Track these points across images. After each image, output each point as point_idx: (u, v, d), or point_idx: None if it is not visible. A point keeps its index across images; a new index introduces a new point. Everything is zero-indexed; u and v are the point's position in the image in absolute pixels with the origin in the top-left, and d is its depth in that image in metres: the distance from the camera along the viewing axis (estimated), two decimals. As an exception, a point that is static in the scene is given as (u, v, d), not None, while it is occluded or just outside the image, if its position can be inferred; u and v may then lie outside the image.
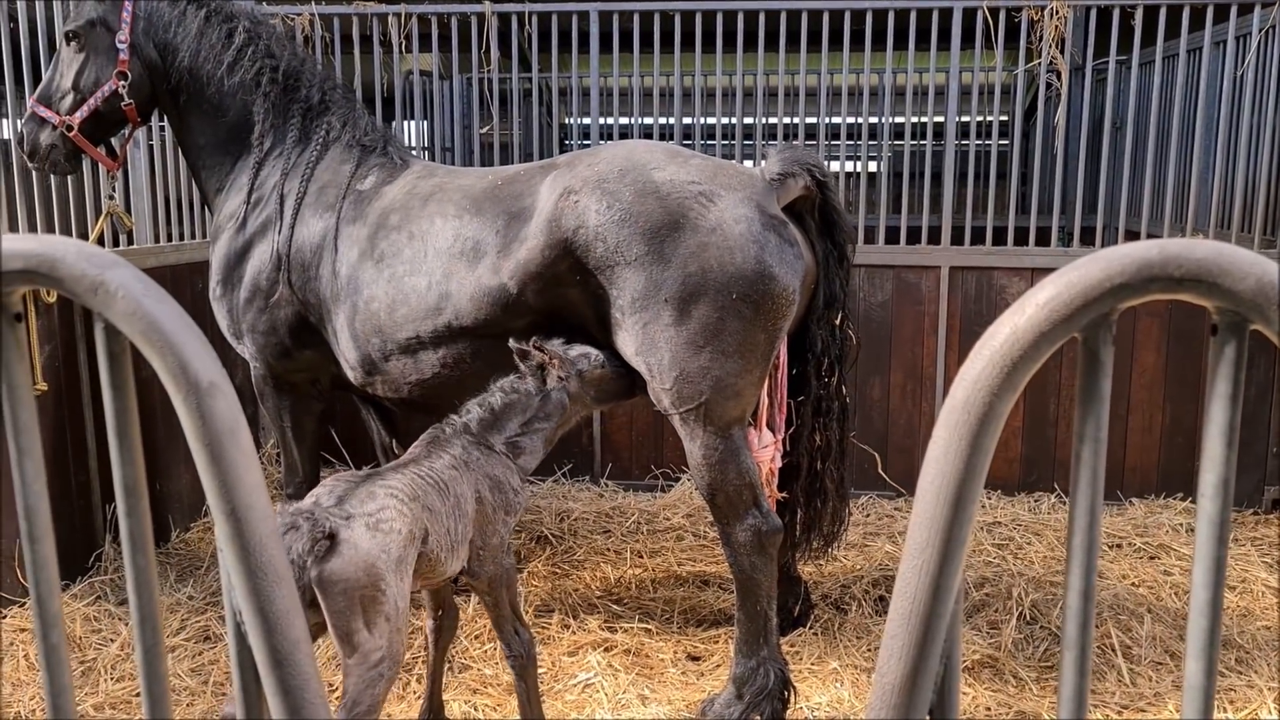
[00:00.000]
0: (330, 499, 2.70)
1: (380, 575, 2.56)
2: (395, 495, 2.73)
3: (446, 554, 2.90)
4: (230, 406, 1.02)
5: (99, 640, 4.11)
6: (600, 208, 3.41)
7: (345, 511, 2.64)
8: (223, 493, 1.02)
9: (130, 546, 1.07)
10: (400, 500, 2.72)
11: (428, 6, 5.91)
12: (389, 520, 2.65)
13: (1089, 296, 0.88)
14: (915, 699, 0.98)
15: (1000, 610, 4.36)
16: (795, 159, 3.61)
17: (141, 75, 4.22)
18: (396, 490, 2.75)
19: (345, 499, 2.69)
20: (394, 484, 2.79)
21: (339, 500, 2.69)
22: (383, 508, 2.67)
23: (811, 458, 3.92)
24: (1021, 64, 5.56)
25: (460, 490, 3.00)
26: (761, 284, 3.35)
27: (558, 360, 3.32)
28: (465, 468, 3.08)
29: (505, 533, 3.16)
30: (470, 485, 3.06)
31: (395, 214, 3.89)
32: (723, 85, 5.88)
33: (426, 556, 2.82)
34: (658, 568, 4.94)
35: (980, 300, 5.72)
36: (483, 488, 3.10)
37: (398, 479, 2.83)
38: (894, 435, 5.88)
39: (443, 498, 2.92)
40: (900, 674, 0.96)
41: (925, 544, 0.93)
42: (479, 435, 3.22)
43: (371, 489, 2.73)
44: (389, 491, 2.73)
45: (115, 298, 0.99)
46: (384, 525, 2.63)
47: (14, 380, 1.05)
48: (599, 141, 5.97)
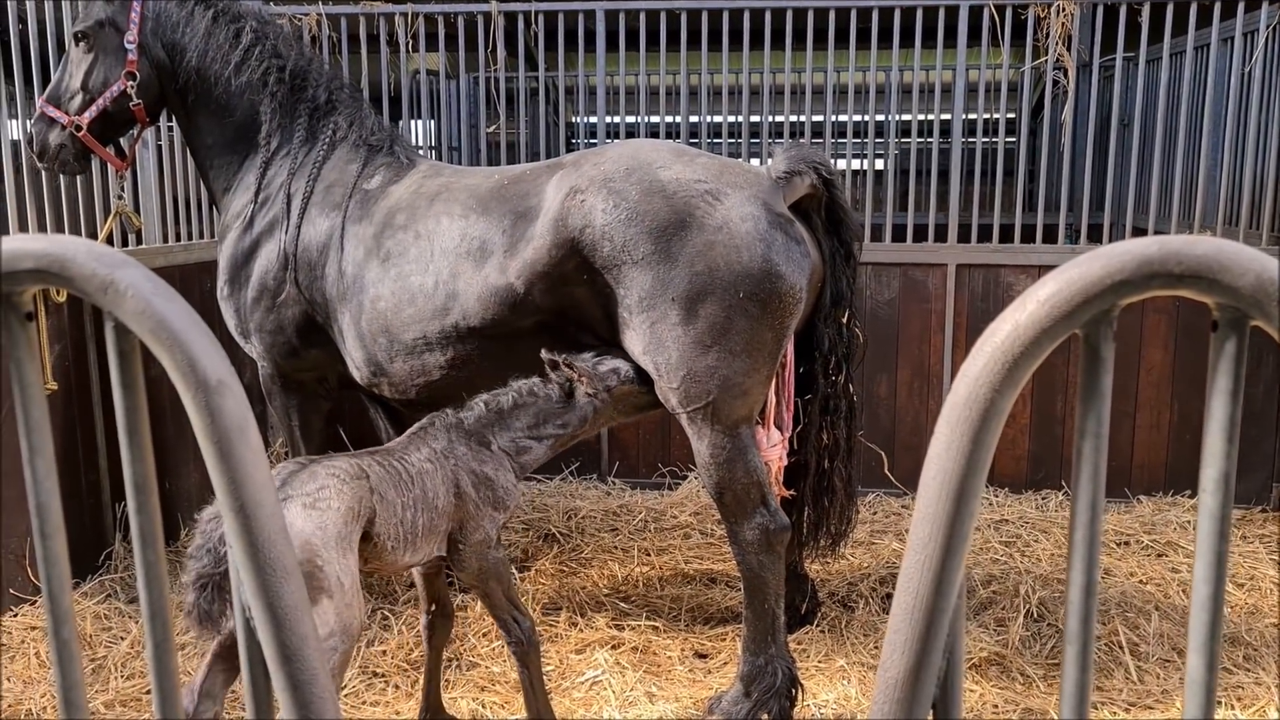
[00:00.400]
0: (275, 481, 2.74)
1: (315, 552, 2.59)
2: (335, 475, 2.76)
3: (398, 544, 2.91)
4: (239, 404, 1.03)
5: (109, 638, 4.13)
6: (607, 207, 3.41)
7: (285, 494, 2.69)
8: (231, 489, 1.03)
9: (140, 542, 1.09)
10: (340, 479, 2.75)
11: (434, 6, 5.93)
12: (326, 499, 2.68)
13: (1090, 293, 0.88)
14: (918, 694, 0.99)
15: (1008, 608, 4.36)
16: (802, 157, 3.61)
17: (150, 75, 4.24)
18: (338, 470, 2.79)
19: (288, 482, 2.74)
20: (338, 464, 2.82)
21: (282, 483, 2.73)
22: (322, 487, 2.71)
23: (819, 456, 3.92)
24: (1029, 61, 5.55)
25: (432, 484, 3.02)
26: (768, 282, 3.35)
27: (587, 378, 3.35)
28: (445, 461, 3.10)
29: (491, 528, 3.17)
30: (448, 480, 3.08)
31: (401, 213, 3.90)
32: (729, 83, 5.88)
33: (372, 540, 2.84)
34: (665, 565, 4.95)
35: (987, 298, 5.71)
36: (464, 483, 3.11)
37: (344, 461, 2.86)
38: (901, 433, 5.87)
39: (403, 489, 2.94)
40: (903, 669, 0.96)
41: (928, 539, 0.94)
42: (474, 431, 3.24)
43: (314, 470, 2.78)
44: (330, 471, 2.77)
45: (125, 297, 1.01)
46: (321, 503, 2.67)
47: (25, 379, 1.06)
48: (606, 140, 5.98)
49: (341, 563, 2.65)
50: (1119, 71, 5.68)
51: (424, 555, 3.04)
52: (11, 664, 3.89)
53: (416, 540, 2.97)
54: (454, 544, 3.12)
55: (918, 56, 5.66)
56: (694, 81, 6.30)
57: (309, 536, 2.61)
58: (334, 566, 2.62)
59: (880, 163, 9.98)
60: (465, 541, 3.11)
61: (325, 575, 2.60)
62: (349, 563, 2.68)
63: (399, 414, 4.65)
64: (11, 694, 3.66)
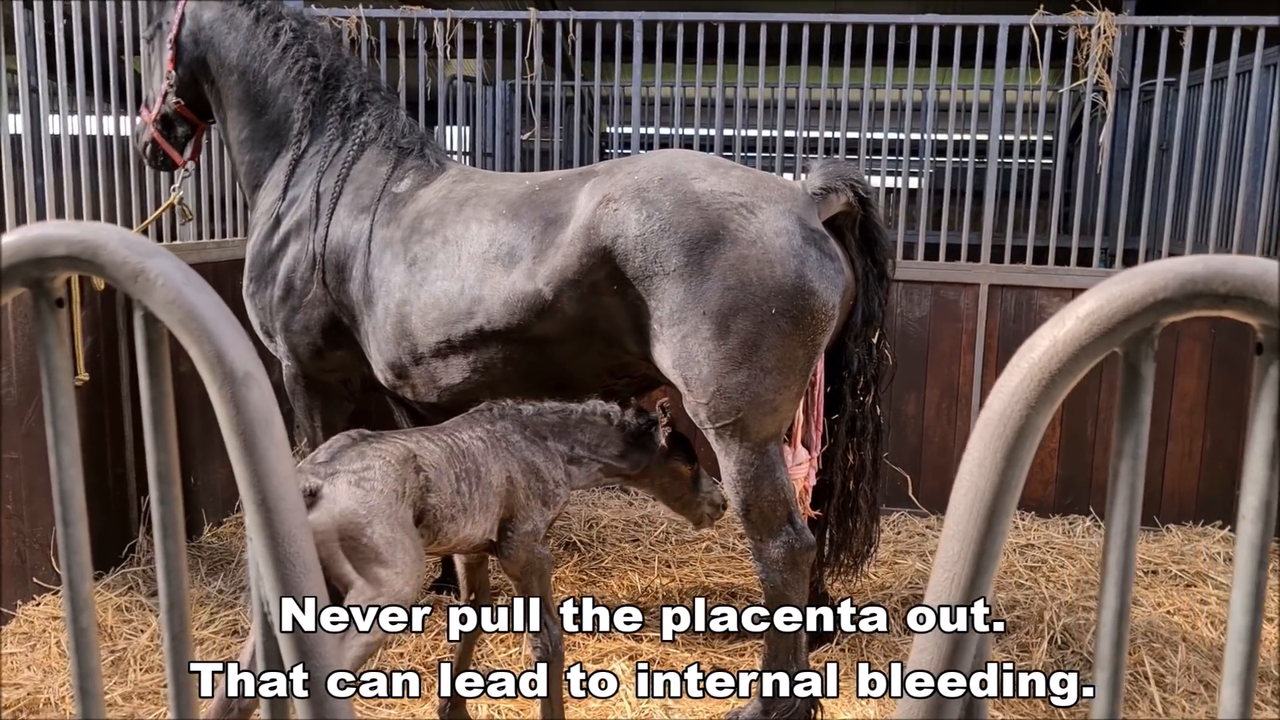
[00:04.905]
0: (324, 455, 2.87)
1: (360, 526, 2.70)
2: (383, 456, 2.85)
3: (454, 516, 2.99)
4: (265, 397, 1.03)
5: (129, 630, 4.15)
6: (640, 217, 3.40)
7: (332, 468, 2.79)
8: (254, 483, 1.02)
9: (161, 533, 1.08)
10: (386, 461, 2.84)
11: (473, 12, 5.96)
12: (371, 478, 2.77)
13: (1131, 310, 0.86)
14: (942, 716, 0.97)
15: (1031, 633, 4.30)
16: (838, 173, 3.59)
17: (187, 74, 4.30)
18: (385, 452, 2.87)
19: (337, 457, 2.85)
20: (386, 447, 2.91)
21: (331, 458, 2.84)
22: (368, 465, 2.81)
23: (845, 477, 3.88)
24: (1067, 83, 5.50)
25: (484, 462, 3.10)
26: (801, 298, 3.33)
27: (671, 439, 3.43)
28: (498, 445, 3.17)
29: (540, 522, 3.22)
30: (500, 462, 3.14)
31: (430, 218, 3.90)
32: (764, 98, 5.87)
33: (426, 520, 2.92)
34: (685, 578, 4.92)
35: (1019, 319, 5.66)
36: (514, 469, 3.17)
37: (393, 444, 2.94)
38: (928, 452, 5.82)
39: (454, 461, 3.03)
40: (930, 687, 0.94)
41: (957, 557, 0.92)
42: (530, 424, 3.30)
43: (363, 449, 2.88)
44: (378, 452, 2.86)
45: (155, 285, 1.00)
46: (366, 482, 2.76)
47: (54, 364, 1.06)
48: (639, 151, 5.98)
49: (391, 535, 2.74)
50: (1159, 96, 5.62)
51: (481, 532, 3.10)
52: (32, 652, 3.92)
53: (473, 514, 3.04)
54: (504, 532, 3.16)
55: (956, 75, 5.62)
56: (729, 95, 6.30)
57: (353, 512, 2.70)
58: (381, 537, 2.71)
59: (914, 181, 9.94)
60: (515, 530, 3.16)
61: (373, 545, 2.70)
62: (399, 535, 2.77)
63: (423, 417, 4.65)
64: (31, 683, 3.68)
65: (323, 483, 2.74)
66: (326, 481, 2.75)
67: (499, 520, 3.14)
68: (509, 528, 3.16)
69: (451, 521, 2.97)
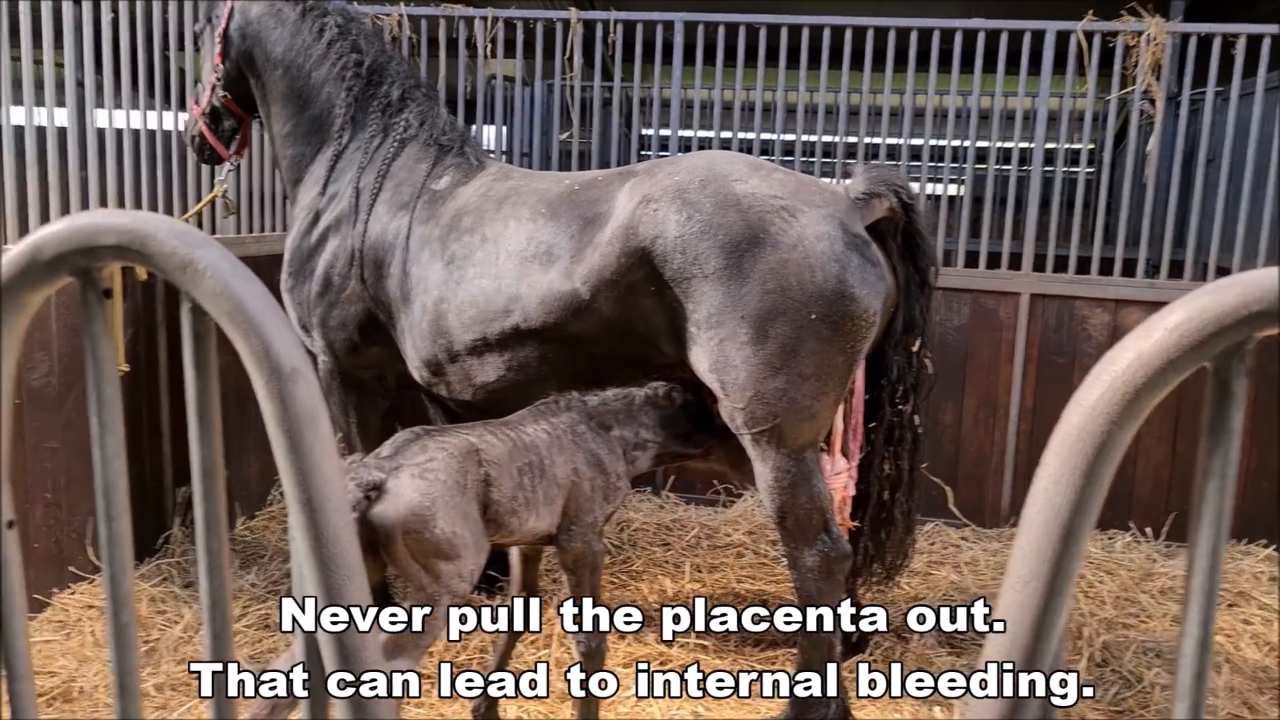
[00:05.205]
0: (388, 450, 2.90)
1: (425, 519, 2.73)
2: (445, 449, 2.87)
3: (517, 509, 3.00)
4: (311, 392, 1.00)
5: (163, 621, 4.17)
6: (680, 218, 3.36)
7: (396, 462, 2.81)
8: (299, 480, 1.00)
9: (204, 529, 1.06)
10: (449, 453, 2.86)
11: (514, 11, 5.95)
12: (435, 470, 2.80)
13: (1223, 323, 0.82)
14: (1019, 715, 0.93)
15: (1069, 650, 4.22)
16: (882, 179, 3.54)
17: (235, 68, 4.32)
18: (448, 445, 2.90)
19: (400, 451, 2.87)
20: (449, 440, 2.93)
21: (394, 452, 2.87)
22: (431, 458, 2.83)
23: (880, 487, 3.82)
24: (1115, 90, 5.41)
25: (548, 455, 3.11)
26: (842, 304, 3.28)
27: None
28: (563, 438, 3.19)
29: (600, 514, 3.23)
30: (566, 455, 3.16)
31: (469, 216, 3.88)
32: (804, 102, 5.81)
33: (490, 513, 2.94)
34: (717, 584, 4.88)
35: (1060, 329, 5.57)
36: (579, 462, 3.19)
37: (456, 437, 2.97)
38: (964, 462, 5.74)
39: (517, 455, 3.04)
40: (998, 713, 0.90)
41: (1030, 578, 0.88)
42: (596, 415, 3.32)
43: (425, 443, 2.90)
44: (440, 445, 2.89)
45: (203, 276, 0.98)
46: (429, 474, 2.79)
47: (100, 355, 1.04)
48: (676, 153, 5.95)
49: (452, 527, 2.77)
50: (1208, 105, 5.51)
51: (547, 524, 3.12)
52: (67, 641, 3.94)
53: (537, 508, 3.06)
54: (565, 523, 3.18)
55: (1000, 81, 5.54)
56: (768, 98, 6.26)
57: (417, 505, 2.73)
58: (444, 529, 2.75)
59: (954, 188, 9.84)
60: (576, 522, 3.18)
61: (436, 538, 2.73)
62: (461, 529, 2.80)
63: (457, 415, 4.64)
64: (65, 671, 3.70)
65: (386, 476, 2.77)
66: (390, 475, 2.77)
67: (561, 512, 3.16)
68: (570, 519, 3.17)
69: (514, 515, 2.99)
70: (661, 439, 3.40)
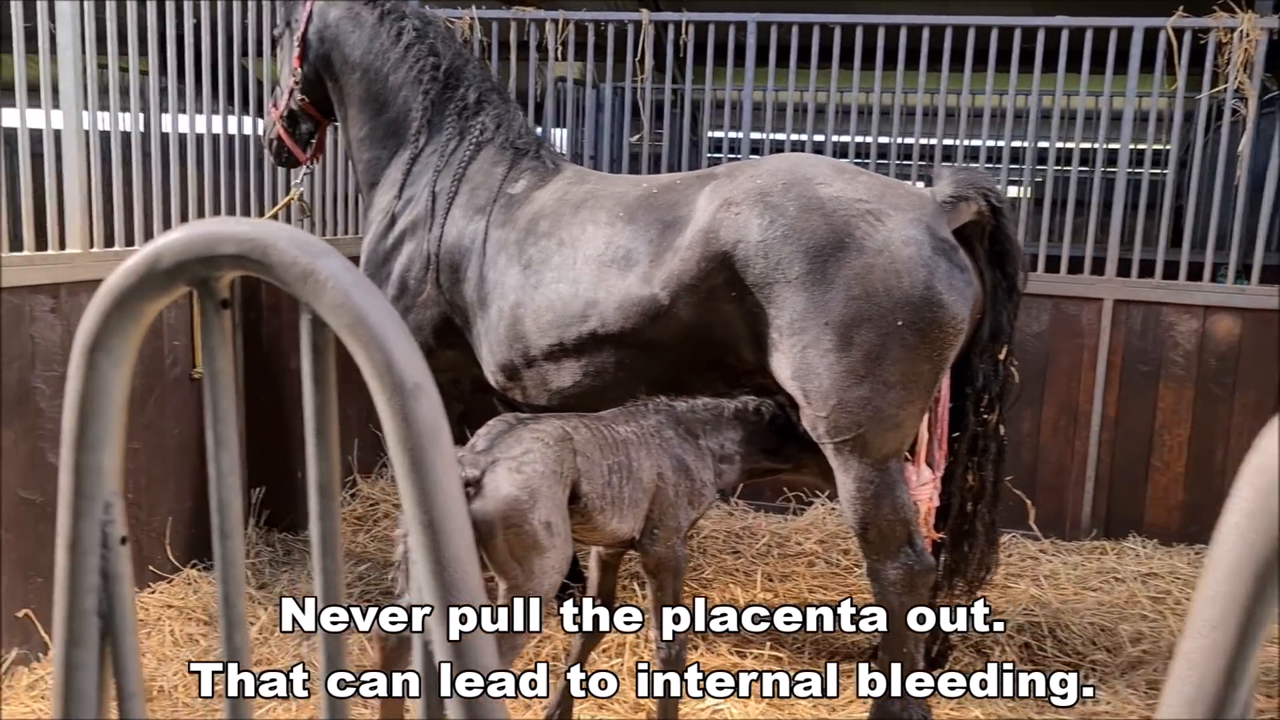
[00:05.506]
0: (483, 443, 2.86)
1: (523, 514, 2.71)
2: (540, 439, 2.85)
3: (605, 507, 2.97)
4: (434, 409, 0.96)
5: (238, 622, 4.19)
6: (763, 222, 3.30)
7: (492, 456, 2.79)
8: (421, 501, 0.95)
9: (320, 550, 1.02)
10: (544, 442, 2.83)
11: (586, 14, 5.92)
12: (531, 461, 2.77)
13: None
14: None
15: (1160, 670, 4.07)
16: (970, 181, 3.44)
17: (313, 71, 4.34)
18: (542, 434, 2.87)
19: (495, 444, 2.84)
20: (543, 427, 2.90)
21: (489, 445, 2.84)
22: (526, 450, 2.80)
23: (963, 498, 3.71)
24: (1206, 88, 5.22)
25: (635, 455, 3.07)
26: (929, 311, 3.19)
27: None
28: (650, 439, 3.15)
29: (684, 520, 3.19)
30: (652, 458, 3.12)
31: (546, 220, 3.85)
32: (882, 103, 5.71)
33: (580, 502, 2.91)
34: (788, 593, 4.80)
35: (1146, 336, 5.39)
36: (665, 466, 3.15)
37: (549, 424, 2.94)
38: (1043, 473, 5.59)
39: (607, 452, 3.00)
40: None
41: (1218, 622, 0.80)
42: (684, 420, 3.28)
43: (520, 433, 2.87)
44: (534, 435, 2.86)
45: (325, 287, 0.94)
46: (526, 466, 2.76)
47: (217, 368, 1.01)
48: (748, 156, 5.87)
49: (548, 519, 2.75)
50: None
51: (630, 527, 3.08)
52: (147, 639, 3.98)
53: (622, 508, 3.02)
54: (649, 527, 3.14)
55: (1085, 80, 5.38)
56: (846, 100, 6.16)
57: (516, 499, 2.71)
58: (541, 523, 2.73)
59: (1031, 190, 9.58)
60: (660, 525, 3.14)
61: (533, 532, 2.72)
62: (556, 521, 2.78)
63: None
64: (146, 669, 3.73)
65: (482, 472, 2.74)
66: (487, 471, 2.75)
67: (645, 515, 3.12)
68: (654, 523, 3.13)
69: (600, 512, 2.96)
70: (748, 452, 3.34)
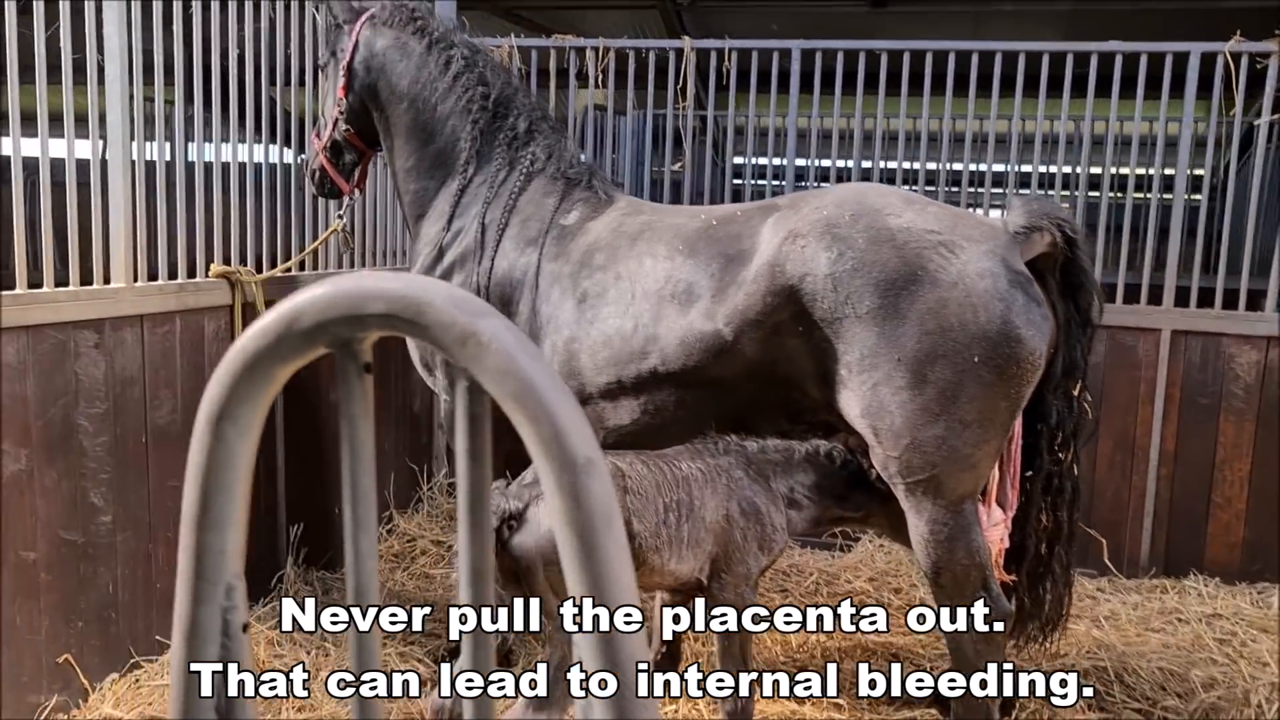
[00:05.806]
0: (530, 476, 2.82)
1: None
2: None
3: (661, 547, 2.86)
4: (606, 488, 0.85)
5: (281, 665, 4.07)
6: (831, 255, 3.18)
7: (537, 490, 2.74)
8: (591, 588, 0.84)
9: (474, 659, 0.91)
10: None
11: (627, 41, 5.85)
12: None
13: None
14: None
15: (1237, 716, 3.90)
16: (1043, 211, 3.32)
17: (358, 101, 4.26)
18: None
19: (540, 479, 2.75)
20: None
21: (536, 479, 2.74)
22: None
23: (1038, 540, 3.57)
24: (1267, 113, 5.10)
25: (698, 493, 2.97)
26: (1006, 346, 3.06)
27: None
28: (717, 480, 3.05)
29: (755, 565, 3.07)
30: (718, 499, 3.01)
31: (601, 253, 3.74)
32: (930, 129, 5.60)
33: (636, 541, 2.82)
34: (842, 635, 4.64)
35: (1206, 369, 5.24)
36: (733, 508, 3.03)
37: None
38: (1100, 509, 5.42)
39: (665, 490, 2.92)
40: None
41: None
42: (755, 462, 3.18)
43: None
44: None
45: (488, 350, 0.83)
46: None
47: (359, 440, 0.90)
48: (793, 185, 5.77)
49: None
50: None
51: (690, 568, 2.96)
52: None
53: (680, 547, 2.91)
54: (716, 571, 3.01)
55: (1139, 106, 5.27)
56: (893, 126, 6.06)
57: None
58: None
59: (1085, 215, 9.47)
60: (728, 570, 3.01)
61: None
62: None
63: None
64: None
65: (525, 505, 2.70)
66: (532, 504, 2.71)
67: (710, 559, 2.98)
68: (722, 568, 2.99)
69: (655, 551, 2.85)
70: (818, 498, 3.22)
